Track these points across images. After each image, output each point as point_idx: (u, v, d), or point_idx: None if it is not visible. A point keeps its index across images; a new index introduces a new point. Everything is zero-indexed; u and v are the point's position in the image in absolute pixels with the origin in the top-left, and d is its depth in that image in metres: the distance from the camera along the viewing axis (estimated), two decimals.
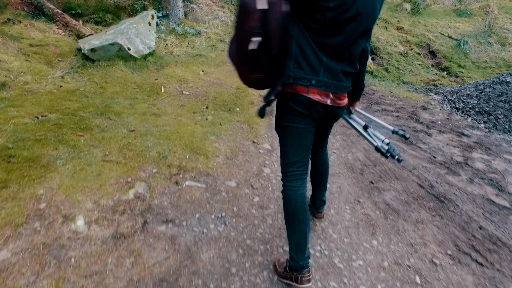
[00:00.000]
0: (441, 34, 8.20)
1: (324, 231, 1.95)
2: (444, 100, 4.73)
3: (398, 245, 1.87)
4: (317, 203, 1.96)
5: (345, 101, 1.39)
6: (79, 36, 4.72)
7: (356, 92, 1.57)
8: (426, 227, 2.04)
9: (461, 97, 4.57)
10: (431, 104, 4.57)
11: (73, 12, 6.09)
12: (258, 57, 1.14)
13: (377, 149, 1.57)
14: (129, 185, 2.08)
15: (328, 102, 1.29)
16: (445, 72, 6.85)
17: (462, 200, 2.32)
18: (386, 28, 8.36)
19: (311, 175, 1.86)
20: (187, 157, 2.49)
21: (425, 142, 3.31)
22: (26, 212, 1.70)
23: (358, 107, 1.75)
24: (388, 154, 1.53)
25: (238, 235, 1.83)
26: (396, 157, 1.51)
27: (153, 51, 4.62)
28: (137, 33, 4.48)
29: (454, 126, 3.78)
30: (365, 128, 1.69)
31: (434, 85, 5.90)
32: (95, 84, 3.57)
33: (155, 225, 1.80)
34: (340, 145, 3.14)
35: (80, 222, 1.73)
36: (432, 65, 7.31)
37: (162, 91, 3.77)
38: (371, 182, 2.53)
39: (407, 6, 9.69)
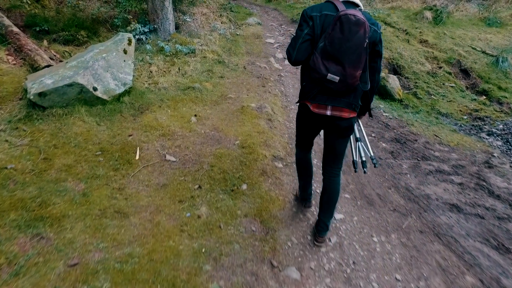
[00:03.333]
0: (472, 48, 7.13)
1: None
2: (509, 148, 3.66)
3: None
4: (320, 226, 2.01)
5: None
6: (33, 66, 3.60)
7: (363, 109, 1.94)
8: None
9: None
10: (495, 156, 3.50)
11: (38, 28, 4.95)
12: None
13: (353, 162, 1.96)
14: None
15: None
16: (484, 97, 5.78)
17: None
18: (408, 42, 7.27)
19: (320, 197, 2.03)
20: None
21: None
22: None
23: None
24: (357, 169, 1.94)
25: None
26: (364, 169, 1.93)
27: (130, 87, 3.50)
28: (107, 65, 3.35)
29: None
30: (357, 140, 2.00)
31: (479, 118, 4.81)
32: (37, 153, 2.44)
33: None
34: (401, 258, 2.04)
35: None
36: (467, 87, 6.23)
37: (137, 157, 2.66)
38: None
39: (428, 14, 8.61)
